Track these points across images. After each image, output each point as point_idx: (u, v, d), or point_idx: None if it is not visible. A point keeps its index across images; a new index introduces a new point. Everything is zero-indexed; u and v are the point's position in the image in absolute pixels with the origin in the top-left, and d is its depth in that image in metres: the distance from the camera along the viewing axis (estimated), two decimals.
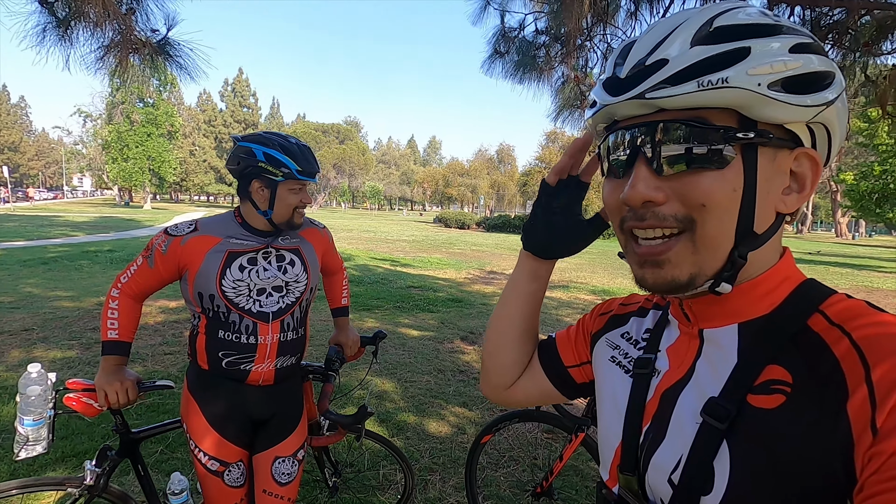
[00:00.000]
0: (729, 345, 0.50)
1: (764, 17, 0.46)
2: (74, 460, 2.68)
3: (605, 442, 0.61)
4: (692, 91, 0.44)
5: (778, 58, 0.44)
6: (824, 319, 0.46)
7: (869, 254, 25.41)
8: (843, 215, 43.25)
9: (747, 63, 0.43)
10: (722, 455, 0.46)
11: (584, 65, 4.64)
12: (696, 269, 0.48)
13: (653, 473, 0.52)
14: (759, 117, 0.45)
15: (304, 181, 1.51)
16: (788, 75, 0.44)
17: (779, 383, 0.45)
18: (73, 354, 4.43)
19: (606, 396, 0.63)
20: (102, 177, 54.40)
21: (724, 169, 0.45)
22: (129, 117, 42.69)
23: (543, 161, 36.65)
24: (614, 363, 0.63)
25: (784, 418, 0.43)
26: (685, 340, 0.56)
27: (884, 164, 15.64)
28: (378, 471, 2.78)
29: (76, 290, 7.26)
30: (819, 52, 0.45)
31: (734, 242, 0.47)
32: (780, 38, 0.44)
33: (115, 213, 33.21)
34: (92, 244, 13.51)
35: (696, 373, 0.52)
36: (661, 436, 0.52)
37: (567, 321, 6.98)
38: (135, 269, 1.54)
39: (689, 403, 0.51)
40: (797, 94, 0.44)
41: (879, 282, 13.46)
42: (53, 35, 1.94)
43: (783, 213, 0.49)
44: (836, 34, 3.59)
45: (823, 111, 0.45)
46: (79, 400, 1.46)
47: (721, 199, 0.46)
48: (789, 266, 0.52)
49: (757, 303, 0.50)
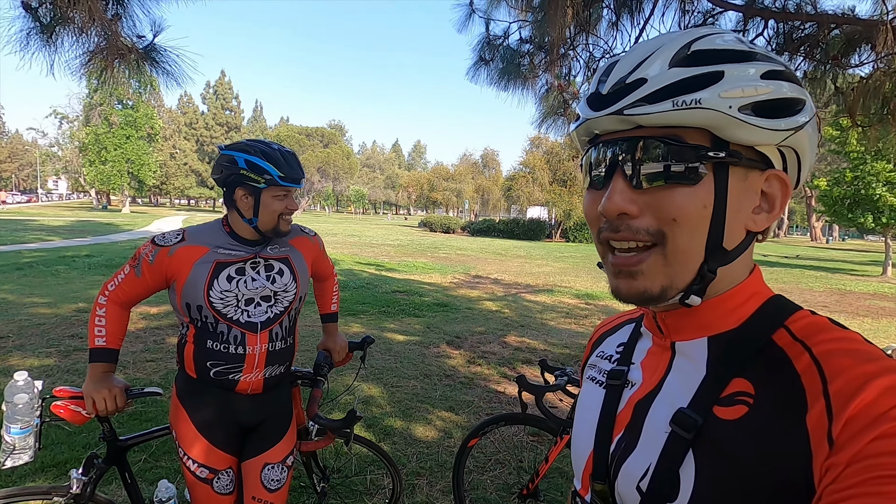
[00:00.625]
0: (699, 357, 0.52)
1: (739, 43, 0.49)
2: (55, 470, 2.63)
3: (578, 452, 0.63)
4: (668, 110, 0.46)
5: (750, 83, 0.46)
6: (788, 335, 0.48)
7: (842, 257, 26.19)
8: (817, 220, 44.46)
9: (720, 86, 0.46)
10: (688, 463, 0.48)
11: (567, 73, 4.72)
12: (668, 282, 0.50)
13: (622, 481, 0.54)
14: (730, 138, 0.47)
15: (288, 187, 1.49)
16: (759, 100, 0.46)
17: (743, 395, 0.47)
18: (52, 362, 4.33)
19: (580, 409, 0.65)
20: (79, 180, 53.17)
21: (696, 186, 0.47)
22: (107, 119, 41.84)
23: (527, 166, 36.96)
24: (591, 381, 0.66)
25: (745, 429, 0.45)
26: (658, 352, 0.58)
27: (855, 171, 16.14)
28: (365, 476, 2.78)
29: (53, 296, 7.09)
30: (791, 80, 0.48)
31: (704, 257, 0.49)
32: (754, 65, 0.47)
33: (93, 216, 32.46)
34: (69, 249, 13.19)
35: (668, 384, 0.54)
36: (633, 445, 0.54)
37: (552, 325, 7.06)
38: (122, 277, 1.53)
39: (660, 414, 0.52)
40: (767, 119, 0.46)
41: (852, 285, 13.88)
42: (37, 40, 1.92)
43: (753, 232, 0.51)
44: (808, 47, 3.73)
45: (793, 136, 0.48)
46: (66, 408, 1.45)
47: (691, 214, 0.48)
48: (758, 282, 0.54)
49: (726, 317, 0.52)
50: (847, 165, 16.72)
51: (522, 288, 10.63)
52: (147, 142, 45.83)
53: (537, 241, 31.22)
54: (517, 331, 6.56)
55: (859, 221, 16.59)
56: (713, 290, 0.52)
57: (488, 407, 3.92)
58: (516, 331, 6.56)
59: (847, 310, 9.58)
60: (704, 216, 0.48)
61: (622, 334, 0.67)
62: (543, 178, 35.32)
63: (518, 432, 3.39)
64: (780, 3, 3.63)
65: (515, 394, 4.23)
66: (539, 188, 35.31)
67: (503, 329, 6.61)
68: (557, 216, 33.70)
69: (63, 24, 1.99)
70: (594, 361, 0.68)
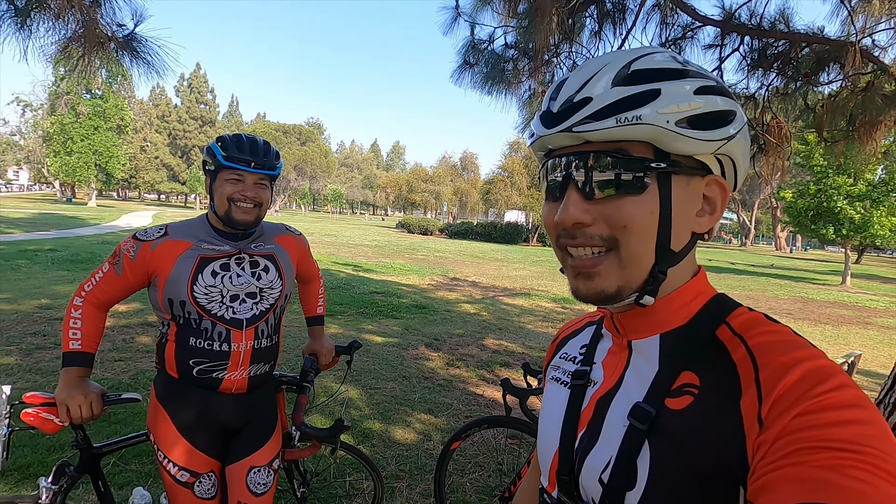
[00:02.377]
0: (652, 353, 0.57)
1: (674, 62, 0.54)
2: (16, 475, 2.51)
3: (544, 450, 0.65)
4: (612, 126, 0.50)
5: (684, 99, 0.51)
6: (729, 329, 0.53)
7: (805, 266, 27.25)
8: (782, 230, 46.18)
9: (658, 103, 0.50)
10: (644, 454, 0.51)
11: (551, 79, 4.78)
12: (623, 282, 0.54)
13: (585, 474, 0.57)
14: (670, 150, 0.51)
15: (238, 169, 1.44)
16: (693, 114, 0.51)
17: (689, 386, 0.52)
18: (12, 361, 4.14)
19: (546, 409, 0.68)
20: (42, 170, 51.00)
21: (643, 194, 0.52)
22: (74, 109, 40.28)
23: (506, 170, 37.22)
24: (556, 381, 0.69)
25: (691, 417, 0.50)
26: (616, 352, 0.62)
27: (818, 184, 16.84)
28: (345, 479, 2.75)
29: (13, 291, 6.78)
30: (723, 93, 0.53)
31: (655, 259, 0.54)
32: (688, 81, 0.52)
33: (57, 209, 31.16)
34: (31, 242, 12.62)
35: (626, 380, 0.58)
36: (595, 440, 0.57)
37: (529, 328, 7.12)
38: (100, 276, 1.48)
39: (619, 409, 0.56)
40: (701, 130, 0.51)
41: (814, 293, 14.46)
42: (11, 24, 1.84)
43: (697, 233, 0.56)
44: (781, 63, 3.88)
45: (725, 144, 0.53)
46: (37, 415, 1.37)
47: (640, 221, 0.52)
48: (703, 282, 0.59)
49: (675, 314, 0.57)
50: (811, 179, 17.44)
51: (500, 291, 10.70)
52: (116, 133, 44.29)
53: (514, 244, 31.46)
54: (495, 334, 6.60)
55: (821, 232, 17.32)
56: (663, 290, 0.56)
57: (467, 409, 3.92)
58: (494, 334, 6.59)
59: (810, 317, 9.97)
60: (652, 222, 0.53)
61: (584, 336, 0.70)
62: (522, 183, 35.63)
63: (497, 435, 3.41)
64: (756, 20, 3.76)
65: (495, 396, 4.25)
66: (517, 192, 35.60)
67: (481, 332, 6.63)
68: (535, 220, 34.06)
69: (39, 9, 1.90)
70: (557, 363, 0.71)
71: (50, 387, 3.64)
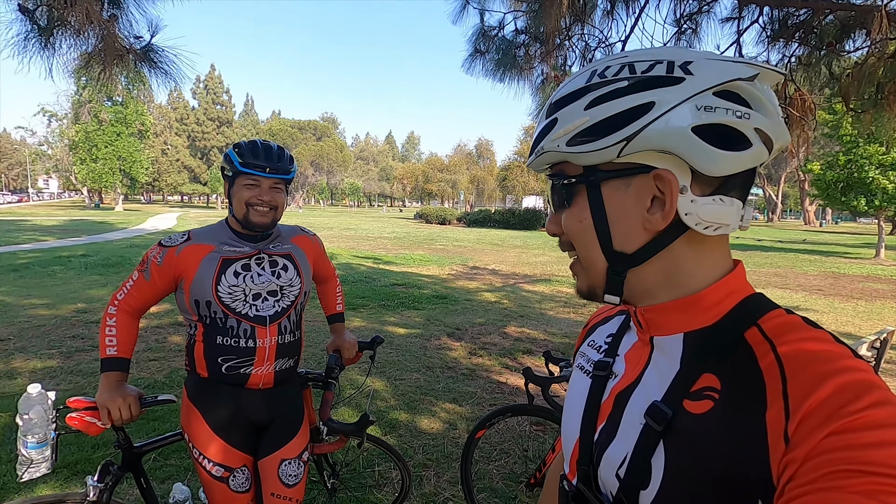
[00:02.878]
0: (674, 352, 0.55)
1: (578, 82, 0.55)
2: (66, 471, 2.65)
3: (566, 438, 0.67)
4: (534, 158, 0.59)
5: (574, 118, 0.54)
6: (759, 333, 0.51)
7: (836, 240, 26.39)
8: (810, 203, 44.76)
9: (553, 132, 0.55)
10: (658, 454, 0.51)
11: (563, 63, 4.71)
12: (590, 283, 0.59)
13: (604, 468, 0.57)
14: (581, 164, 0.55)
15: (253, 175, 1.49)
16: (581, 129, 0.53)
17: (710, 390, 0.50)
18: (54, 364, 4.34)
19: (569, 397, 0.69)
20: (70, 178, 52.64)
21: (572, 206, 0.57)
22: (97, 116, 41.38)
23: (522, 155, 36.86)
24: (580, 369, 0.70)
25: (710, 423, 0.48)
26: (640, 346, 0.61)
27: (848, 155, 16.21)
28: (374, 469, 2.82)
29: (51, 297, 7.07)
30: (628, 93, 0.51)
31: (607, 262, 0.56)
32: (584, 99, 0.53)
33: (86, 215, 32.21)
34: (64, 249, 13.11)
35: (645, 377, 0.57)
36: (613, 434, 0.57)
37: (551, 315, 7.11)
38: (130, 284, 1.55)
39: (637, 406, 0.56)
40: (591, 142, 0.52)
41: (846, 267, 14.02)
42: (36, 44, 1.91)
43: (661, 230, 0.53)
44: (803, 33, 3.74)
45: (631, 142, 0.50)
46: (81, 419, 1.45)
47: (573, 229, 0.57)
48: (737, 280, 0.56)
49: (701, 314, 0.55)
50: (840, 149, 16.80)
51: (520, 278, 10.68)
52: (138, 138, 45.43)
53: (533, 230, 31.25)
54: (517, 321, 6.61)
55: (852, 204, 16.71)
56: (685, 289, 0.55)
57: (491, 398, 3.96)
58: (516, 321, 6.61)
59: (841, 293, 9.69)
60: (585, 228, 0.56)
61: (612, 325, 0.71)
62: None
63: (522, 422, 3.44)
64: None
65: (518, 384, 4.28)
66: (534, 177, 35.28)
67: (503, 320, 6.65)
68: None
69: (61, 26, 1.97)
70: (584, 350, 0.72)
71: (90, 388, 3.82)
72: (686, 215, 0.51)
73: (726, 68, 0.50)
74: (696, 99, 0.49)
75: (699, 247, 0.54)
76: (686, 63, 0.50)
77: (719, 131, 0.49)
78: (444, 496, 2.60)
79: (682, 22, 4.00)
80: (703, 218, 0.51)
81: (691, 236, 0.53)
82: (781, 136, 0.52)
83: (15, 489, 2.50)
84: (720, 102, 0.49)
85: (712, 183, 0.51)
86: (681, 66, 0.50)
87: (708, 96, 0.49)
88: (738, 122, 0.49)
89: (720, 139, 0.49)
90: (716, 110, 0.49)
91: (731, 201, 0.52)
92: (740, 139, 0.49)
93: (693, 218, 0.51)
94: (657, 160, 0.52)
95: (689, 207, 0.51)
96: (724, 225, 0.52)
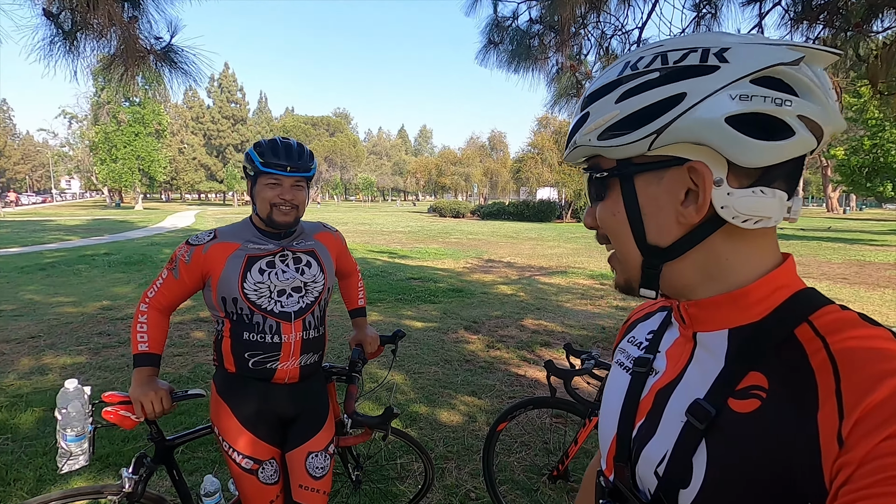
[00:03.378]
0: (718, 349, 0.54)
1: (611, 74, 0.54)
2: (98, 465, 2.73)
3: (604, 434, 0.65)
4: (569, 152, 0.59)
5: (605, 112, 0.53)
6: (811, 329, 0.48)
7: (860, 227, 25.71)
8: (833, 190, 43.59)
9: (584, 126, 0.55)
10: (700, 453, 0.50)
11: (579, 52, 4.64)
12: (626, 276, 0.58)
13: (642, 465, 0.56)
14: (612, 157, 0.54)
15: (275, 174, 1.51)
16: (611, 123, 0.53)
17: (757, 389, 0.48)
18: (83, 360, 4.46)
19: (607, 392, 0.69)
20: (91, 178, 53.81)
21: (606, 199, 0.57)
22: (115, 117, 42.17)
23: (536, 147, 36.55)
24: (619, 365, 0.69)
25: (757, 423, 0.46)
26: (682, 342, 0.60)
27: (874, 139, 15.76)
28: (396, 461, 2.85)
29: (77, 295, 7.26)
30: (660, 84, 0.50)
31: (642, 256, 0.56)
32: (613, 94, 0.53)
33: (107, 214, 32.93)
34: (88, 248, 13.44)
35: (687, 374, 0.56)
36: (652, 431, 0.56)
37: (568, 307, 7.07)
38: (160, 282, 1.59)
39: (678, 403, 0.54)
40: (621, 136, 0.52)
41: (872, 255, 13.65)
42: (61, 48, 1.95)
43: (695, 224, 0.52)
44: (828, 14, 3.63)
45: (659, 137, 0.50)
46: (116, 413, 1.50)
47: (607, 222, 0.57)
48: (786, 275, 0.54)
49: (747, 310, 0.53)
50: (865, 133, 16.32)
51: (536, 270, 10.63)
52: (156, 138, 46.20)
53: (548, 222, 31.06)
54: (534, 314, 6.59)
55: (878, 190, 16.29)
56: (730, 284, 0.53)
57: (510, 391, 3.97)
58: (533, 314, 6.59)
59: (867, 281, 9.44)
60: (619, 222, 0.56)
61: (653, 322, 0.69)
62: (552, 159, 34.96)
63: (542, 415, 3.44)
64: None
65: (536, 377, 4.28)
66: (548, 169, 34.97)
67: (520, 312, 6.64)
68: (567, 196, 33.43)
69: (83, 30, 2.00)
70: (624, 346, 0.71)
71: (118, 383, 3.92)
72: (722, 208, 0.49)
73: (766, 53, 0.47)
74: (730, 88, 0.47)
75: (741, 240, 0.52)
76: (722, 50, 0.48)
77: (757, 120, 0.47)
78: (466, 488, 2.62)
79: (701, 6, 3.91)
80: (740, 211, 0.49)
81: (731, 230, 0.51)
82: (833, 122, 0.49)
83: (51, 481, 2.59)
84: (757, 90, 0.47)
85: (751, 174, 0.49)
86: (716, 54, 0.48)
87: (744, 84, 0.47)
88: (777, 109, 0.47)
89: (758, 129, 0.47)
90: (752, 99, 0.47)
91: (773, 193, 0.49)
92: (781, 128, 0.47)
93: (730, 211, 0.49)
94: (691, 152, 0.50)
95: (726, 200, 0.49)
96: (766, 218, 0.49)
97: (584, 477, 0.87)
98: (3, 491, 2.49)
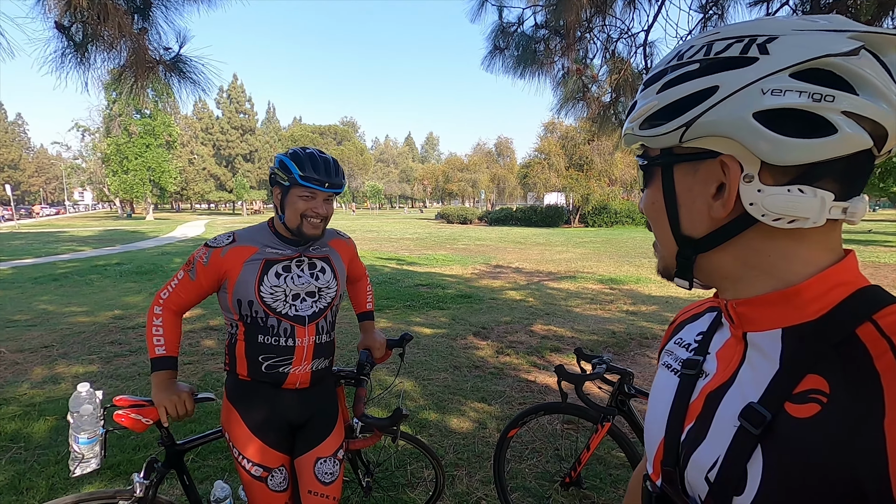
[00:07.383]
0: (772, 350, 0.51)
1: (661, 63, 0.55)
2: (109, 472, 2.74)
3: (650, 438, 0.63)
4: (623, 138, 0.60)
5: (648, 101, 0.54)
6: (875, 329, 0.45)
7: (874, 228, 25.30)
8: None
9: (633, 114, 0.56)
10: (756, 459, 0.47)
11: (584, 56, 4.64)
12: (665, 264, 0.59)
13: (692, 470, 0.54)
14: (652, 146, 0.55)
15: (311, 188, 1.53)
16: (651, 112, 0.53)
17: (816, 393, 0.45)
18: (95, 369, 4.50)
19: (654, 396, 0.67)
20: (104, 190, 54.60)
21: (649, 187, 0.58)
22: (126, 129, 42.85)
23: (542, 152, 36.53)
24: (666, 368, 0.67)
25: (817, 429, 0.44)
26: (732, 344, 0.57)
27: None
28: (406, 468, 2.83)
29: (90, 304, 7.33)
30: (698, 76, 0.50)
31: (677, 244, 0.56)
32: (658, 83, 0.53)
33: (119, 225, 33.35)
34: (100, 258, 13.60)
35: (740, 377, 0.54)
36: (703, 435, 0.54)
37: (577, 311, 7.02)
38: (175, 283, 1.59)
39: (731, 407, 0.52)
40: (655, 127, 0.53)
41: (886, 256, 13.43)
42: (72, 59, 1.98)
43: (723, 218, 0.51)
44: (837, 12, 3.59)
45: (689, 129, 0.50)
46: (127, 416, 1.50)
47: (647, 210, 0.58)
48: (847, 271, 0.51)
49: (802, 308, 0.50)
50: None
51: (545, 275, 10.58)
52: (166, 149, 46.83)
53: (556, 227, 30.97)
54: (543, 319, 6.55)
55: (892, 190, 16.03)
56: (784, 280, 0.51)
57: (520, 396, 3.93)
58: (542, 319, 6.54)
59: (882, 283, 9.25)
60: (657, 210, 0.57)
61: (702, 323, 0.67)
62: (559, 164, 34.88)
63: (553, 421, 3.40)
64: None
65: (546, 382, 4.24)
66: (555, 174, 34.90)
67: (529, 318, 6.60)
68: (575, 201, 33.31)
69: (94, 42, 2.03)
70: (671, 348, 0.69)
71: (130, 391, 3.94)
72: (751, 205, 0.48)
73: (814, 44, 0.44)
74: (763, 82, 0.45)
75: (786, 238, 0.50)
76: (769, 40, 0.46)
77: (793, 116, 0.45)
78: (477, 496, 2.59)
79: (707, 7, 3.90)
80: (769, 209, 0.47)
81: (769, 227, 0.49)
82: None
83: (63, 490, 2.60)
84: (793, 84, 0.44)
85: (789, 172, 0.46)
86: (760, 45, 0.46)
87: (781, 78, 0.45)
88: (814, 105, 0.44)
89: (797, 125, 0.45)
90: (785, 94, 0.44)
91: (813, 192, 0.46)
92: (821, 125, 0.44)
93: (758, 209, 0.47)
94: (723, 146, 0.49)
95: (755, 197, 0.47)
96: (801, 219, 0.46)
97: (631, 480, 0.85)
98: (16, 500, 2.51)
